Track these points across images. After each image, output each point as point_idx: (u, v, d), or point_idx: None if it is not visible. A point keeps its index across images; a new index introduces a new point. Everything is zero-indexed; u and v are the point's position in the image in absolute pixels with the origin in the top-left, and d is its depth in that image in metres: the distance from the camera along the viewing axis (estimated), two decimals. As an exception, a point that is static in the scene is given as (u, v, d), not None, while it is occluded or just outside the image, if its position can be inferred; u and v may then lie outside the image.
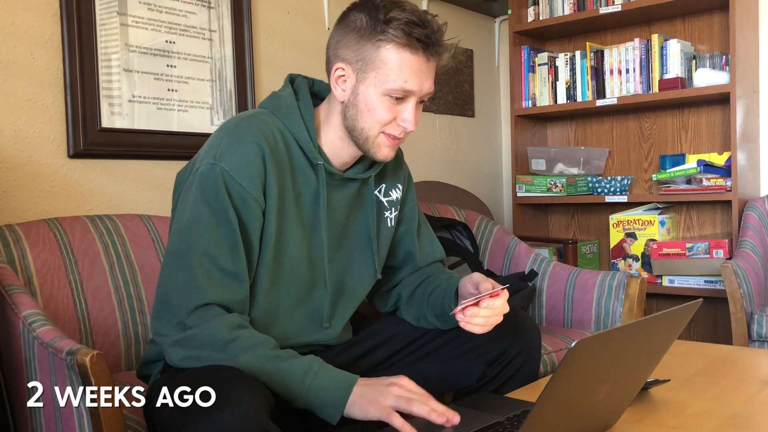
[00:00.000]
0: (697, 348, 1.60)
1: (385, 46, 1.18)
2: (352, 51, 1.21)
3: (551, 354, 1.84)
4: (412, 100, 1.22)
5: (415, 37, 1.17)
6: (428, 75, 1.22)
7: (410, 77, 1.19)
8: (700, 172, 2.67)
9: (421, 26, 1.17)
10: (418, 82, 1.20)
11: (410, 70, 1.18)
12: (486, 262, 2.38)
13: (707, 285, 2.67)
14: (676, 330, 0.97)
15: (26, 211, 1.80)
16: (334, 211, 1.30)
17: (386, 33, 1.17)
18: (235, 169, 1.16)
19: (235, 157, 1.17)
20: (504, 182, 3.52)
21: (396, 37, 1.16)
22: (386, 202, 1.40)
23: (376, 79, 1.19)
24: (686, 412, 1.15)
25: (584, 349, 0.73)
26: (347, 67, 1.22)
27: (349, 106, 1.23)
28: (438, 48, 1.20)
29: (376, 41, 1.18)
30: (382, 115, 1.21)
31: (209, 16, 2.21)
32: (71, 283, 1.63)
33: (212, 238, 1.14)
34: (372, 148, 1.24)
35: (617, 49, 2.94)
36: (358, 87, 1.21)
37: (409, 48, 1.17)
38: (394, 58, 1.18)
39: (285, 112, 1.25)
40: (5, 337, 1.42)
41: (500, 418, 1.04)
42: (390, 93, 1.20)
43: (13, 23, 1.78)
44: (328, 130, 1.28)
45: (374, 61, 1.19)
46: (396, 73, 1.18)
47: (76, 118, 1.88)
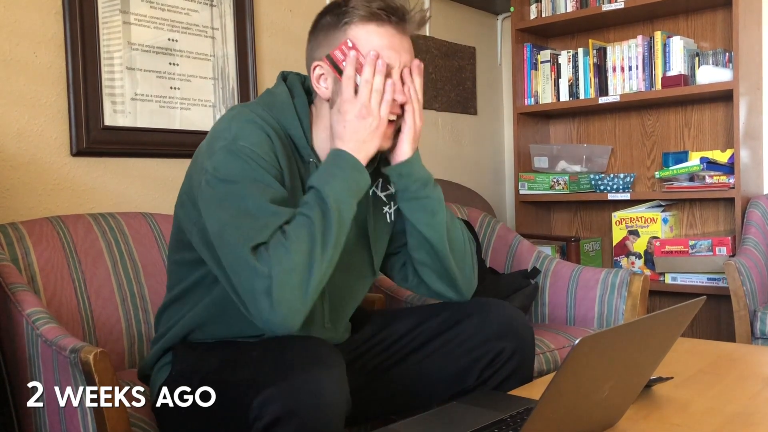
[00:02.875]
0: (701, 345, 1.60)
1: (350, 27, 1.19)
2: (323, 46, 1.23)
3: (554, 351, 1.84)
4: (395, 74, 1.21)
5: (376, 8, 1.18)
6: (402, 46, 1.21)
7: (384, 50, 1.19)
8: (703, 169, 2.66)
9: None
10: (395, 53, 1.20)
11: (382, 42, 1.19)
12: (488, 260, 2.38)
13: (710, 282, 2.67)
14: (679, 327, 0.97)
15: (29, 209, 1.80)
16: None
17: (348, 14, 1.19)
18: (256, 145, 1.15)
19: (252, 137, 1.16)
20: (506, 180, 3.52)
21: (358, 12, 1.18)
22: (384, 197, 1.39)
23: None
24: (690, 409, 1.15)
25: (588, 346, 0.73)
26: (323, 63, 1.23)
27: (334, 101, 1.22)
28: (403, 15, 1.20)
29: (342, 26, 1.20)
30: None
31: (211, 14, 2.20)
32: (74, 282, 1.63)
33: (255, 201, 1.11)
34: None
35: (620, 47, 2.93)
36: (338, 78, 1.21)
37: (374, 20, 1.19)
38: (362, 34, 1.19)
39: (279, 109, 1.25)
40: (9, 336, 1.42)
41: (503, 416, 1.04)
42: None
43: (16, 21, 1.78)
44: (319, 129, 1.28)
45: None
46: (368, 48, 1.18)
47: (79, 116, 1.88)
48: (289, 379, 0.98)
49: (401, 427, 1.05)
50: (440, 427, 1.02)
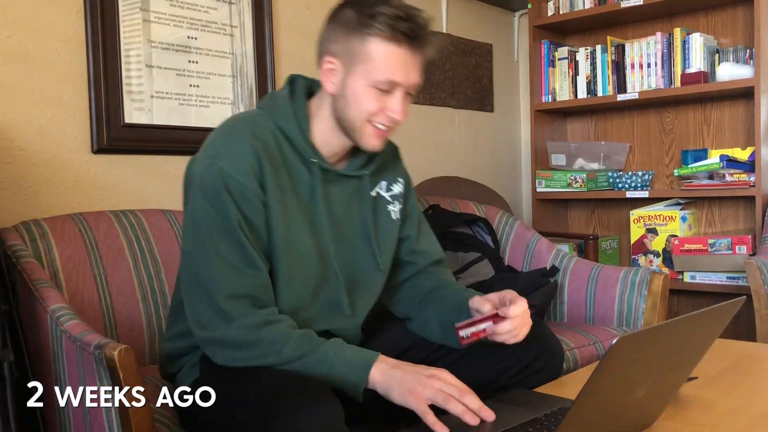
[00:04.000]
0: (723, 345, 1.59)
1: (371, 40, 1.21)
2: (340, 45, 1.24)
3: (573, 351, 1.83)
4: (399, 92, 1.25)
5: (400, 30, 1.20)
6: (414, 67, 1.25)
7: (396, 69, 1.22)
8: (723, 167, 2.64)
9: (406, 20, 1.21)
10: (404, 74, 1.23)
11: (396, 62, 1.22)
12: (507, 258, 2.37)
13: (729, 281, 2.65)
14: (717, 328, 0.96)
15: (52, 206, 1.81)
16: (334, 205, 1.33)
17: (372, 27, 1.20)
18: (232, 166, 1.19)
19: (230, 156, 1.20)
20: (523, 177, 3.50)
21: (381, 30, 1.20)
22: (389, 197, 1.43)
23: (363, 72, 1.22)
24: (715, 410, 1.14)
25: (626, 345, 0.73)
26: (336, 61, 1.25)
27: (339, 98, 1.26)
28: (422, 41, 1.24)
29: (363, 35, 1.21)
30: (369, 105, 1.24)
31: (230, 12, 2.21)
32: (96, 278, 1.64)
33: (220, 237, 1.18)
34: (360, 138, 1.28)
35: (638, 43, 2.91)
36: (347, 79, 1.24)
37: (394, 41, 1.21)
38: (380, 51, 1.21)
39: (279, 113, 1.29)
40: (33, 331, 1.43)
41: (537, 415, 1.04)
42: (377, 85, 1.23)
43: (39, 20, 1.79)
44: (318, 121, 1.30)
45: (361, 55, 1.22)
46: (382, 65, 1.21)
47: (100, 113, 1.89)
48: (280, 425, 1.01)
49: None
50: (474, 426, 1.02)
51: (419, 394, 1.07)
